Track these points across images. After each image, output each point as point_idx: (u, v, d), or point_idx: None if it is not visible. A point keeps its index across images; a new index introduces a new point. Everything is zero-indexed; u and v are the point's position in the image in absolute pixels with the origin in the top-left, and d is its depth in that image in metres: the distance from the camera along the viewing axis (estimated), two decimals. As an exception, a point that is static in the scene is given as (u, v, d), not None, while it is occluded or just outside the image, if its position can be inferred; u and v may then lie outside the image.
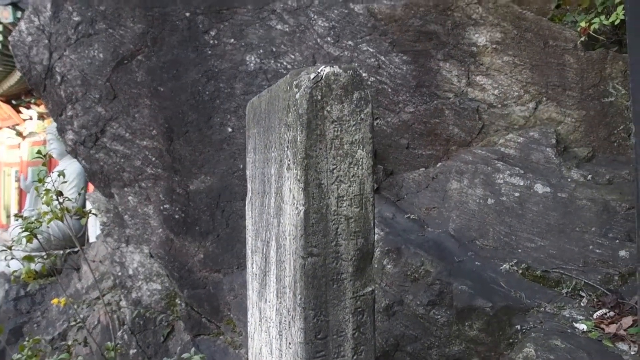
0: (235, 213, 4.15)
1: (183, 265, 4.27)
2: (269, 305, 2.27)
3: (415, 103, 3.97)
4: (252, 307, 2.63)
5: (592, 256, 3.25)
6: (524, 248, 3.41)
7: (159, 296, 4.50)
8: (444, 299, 2.96)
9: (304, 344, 1.89)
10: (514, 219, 3.51)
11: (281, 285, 2.08)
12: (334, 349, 1.93)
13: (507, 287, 3.09)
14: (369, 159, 1.96)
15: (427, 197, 3.91)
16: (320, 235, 1.89)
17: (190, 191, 4.30)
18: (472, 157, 3.85)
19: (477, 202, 3.64)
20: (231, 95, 4.28)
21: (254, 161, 2.53)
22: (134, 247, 4.71)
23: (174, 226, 4.30)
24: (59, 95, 4.69)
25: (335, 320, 1.93)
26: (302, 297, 1.88)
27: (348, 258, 1.93)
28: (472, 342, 2.88)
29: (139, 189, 4.54)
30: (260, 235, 2.41)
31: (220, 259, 4.13)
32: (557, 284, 3.19)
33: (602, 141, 3.74)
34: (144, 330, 4.38)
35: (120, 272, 4.68)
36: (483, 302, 2.87)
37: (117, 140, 4.54)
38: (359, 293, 1.95)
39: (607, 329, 2.80)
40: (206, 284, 4.16)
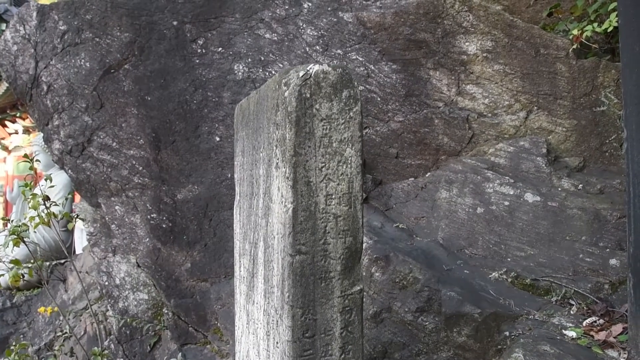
0: (222, 222, 4.13)
1: (170, 274, 4.22)
2: (257, 307, 2.24)
3: (405, 112, 3.98)
4: (239, 311, 2.60)
5: (582, 265, 3.24)
6: (513, 257, 3.41)
7: (145, 306, 4.44)
8: (432, 306, 2.93)
9: (292, 342, 1.86)
10: (504, 227, 3.51)
11: (269, 285, 2.05)
12: (322, 347, 1.90)
13: (496, 294, 3.07)
14: (358, 157, 1.95)
15: (416, 206, 3.90)
16: (308, 233, 1.88)
17: (178, 200, 4.26)
18: (461, 167, 3.86)
19: (467, 211, 3.64)
20: (219, 104, 4.27)
21: (242, 164, 2.52)
22: (120, 257, 4.66)
23: (161, 235, 4.26)
24: (45, 104, 4.66)
25: (323, 318, 1.90)
26: (290, 295, 1.86)
27: (336, 256, 1.91)
28: (460, 349, 2.85)
29: (126, 198, 4.50)
30: (248, 238, 2.38)
31: (208, 268, 4.09)
32: (546, 292, 3.18)
33: (593, 151, 3.76)
34: (131, 340, 4.31)
35: (107, 281, 4.62)
36: (471, 309, 2.85)
37: (104, 149, 4.51)
38: (347, 292, 1.93)
39: (596, 336, 2.78)
40: (193, 293, 4.11)
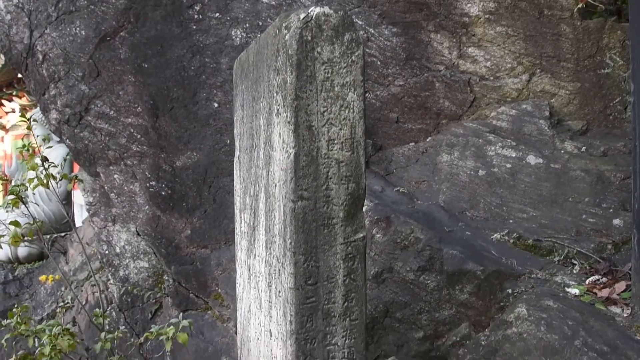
0: (222, 189, 4.09)
1: (170, 241, 4.20)
2: (258, 260, 2.22)
3: (405, 76, 3.94)
4: (240, 267, 2.58)
5: (585, 225, 3.22)
6: (515, 218, 3.39)
7: (146, 274, 4.43)
8: (434, 265, 2.92)
9: (294, 290, 1.84)
10: (506, 189, 3.48)
11: (270, 235, 2.03)
12: (325, 295, 1.89)
13: (498, 254, 3.06)
14: (361, 102, 1.91)
15: (417, 171, 3.87)
16: (310, 178, 1.85)
17: (177, 167, 4.23)
18: (463, 130, 3.82)
19: (468, 174, 3.61)
20: (217, 70, 4.22)
21: (242, 118, 2.48)
22: (120, 226, 4.64)
23: (161, 203, 4.23)
24: (41, 74, 4.60)
25: (326, 266, 1.88)
26: (292, 241, 1.84)
27: (339, 203, 1.89)
28: (463, 306, 2.84)
29: (124, 166, 4.46)
30: (248, 191, 2.35)
31: (208, 234, 4.07)
32: (549, 253, 3.16)
33: (597, 114, 3.72)
34: (132, 308, 4.30)
35: (107, 250, 4.60)
36: (474, 266, 2.83)
37: (101, 118, 4.46)
38: (350, 239, 1.91)
39: (599, 293, 2.77)
40: (193, 260, 4.09)
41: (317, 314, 1.88)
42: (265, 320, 2.14)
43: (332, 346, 1.91)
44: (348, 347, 1.93)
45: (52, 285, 5.61)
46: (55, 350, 2.73)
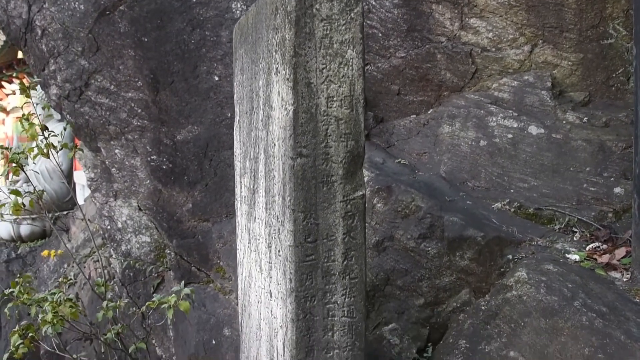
0: (223, 162, 4.09)
1: (171, 215, 4.20)
2: (258, 223, 2.22)
3: (407, 48, 3.91)
4: (241, 232, 2.58)
5: (586, 194, 3.22)
6: (516, 188, 3.38)
7: (148, 248, 4.44)
8: (435, 232, 2.92)
9: (294, 247, 1.84)
10: (507, 160, 3.47)
11: (270, 195, 2.03)
12: (324, 253, 1.89)
13: (498, 222, 3.05)
14: (360, 59, 1.90)
15: (418, 142, 3.86)
16: (309, 135, 1.84)
17: (178, 141, 4.22)
18: (464, 102, 3.81)
19: (469, 145, 3.60)
20: (217, 43, 4.20)
21: (241, 82, 2.47)
22: (122, 201, 4.64)
23: (162, 177, 4.23)
24: (41, 49, 4.58)
25: (325, 223, 1.88)
26: (291, 199, 1.83)
27: (338, 160, 1.88)
28: (463, 273, 2.84)
29: (125, 141, 4.46)
30: (248, 155, 2.35)
31: (209, 208, 4.08)
32: (549, 221, 3.16)
33: (599, 85, 3.69)
34: (134, 282, 4.32)
35: (109, 225, 4.61)
36: (474, 232, 2.83)
37: (102, 93, 4.45)
38: (350, 197, 1.90)
39: (600, 259, 2.78)
40: (195, 233, 4.10)
41: (317, 272, 1.88)
42: (265, 282, 2.15)
43: (331, 304, 1.92)
44: (348, 306, 1.94)
45: (55, 262, 5.63)
46: (57, 317, 2.74)
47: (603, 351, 2.05)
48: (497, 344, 2.36)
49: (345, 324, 1.94)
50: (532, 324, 2.30)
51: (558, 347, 2.16)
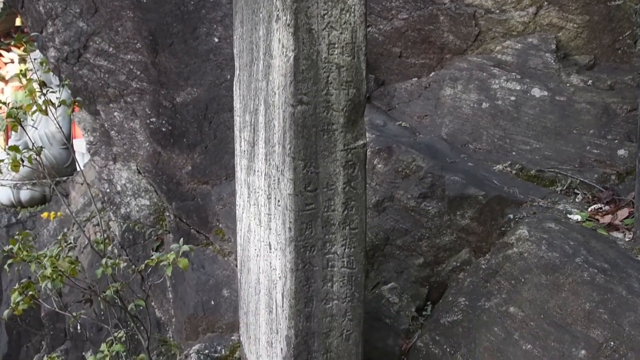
0: (223, 124, 4.05)
1: (171, 178, 4.18)
2: (258, 175, 2.19)
3: (409, 9, 3.85)
4: (240, 188, 2.56)
5: (589, 156, 3.19)
6: (518, 150, 3.35)
7: (147, 211, 4.43)
8: (436, 192, 2.89)
9: (293, 196, 1.82)
10: (509, 122, 3.44)
11: (270, 146, 2.00)
12: (324, 202, 1.86)
13: (500, 184, 3.03)
14: (362, 6, 1.85)
15: (419, 105, 3.82)
16: (310, 82, 1.81)
17: (177, 103, 4.18)
18: (467, 65, 3.76)
19: (471, 107, 3.56)
20: (217, 4, 4.13)
21: (241, 35, 2.43)
22: (121, 164, 4.61)
23: (161, 139, 4.20)
24: (38, 11, 4.52)
25: (326, 172, 1.85)
26: (291, 147, 1.81)
27: (339, 108, 1.85)
28: (464, 232, 2.83)
29: (124, 104, 4.42)
30: (248, 108, 2.32)
31: (209, 170, 4.05)
32: (551, 183, 3.13)
33: (605, 48, 3.63)
34: (134, 245, 4.32)
35: (109, 188, 4.59)
36: (476, 191, 2.81)
37: (100, 55, 4.39)
38: (350, 146, 1.87)
39: (602, 219, 2.75)
40: (194, 196, 4.08)
41: (317, 222, 1.86)
42: (264, 234, 2.13)
43: (331, 255, 1.90)
44: (347, 256, 1.92)
45: (55, 227, 5.63)
46: (56, 272, 2.73)
47: (604, 306, 2.04)
48: (497, 300, 2.35)
49: (344, 274, 1.93)
50: (532, 280, 2.29)
51: (558, 303, 2.15)
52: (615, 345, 1.94)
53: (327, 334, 1.95)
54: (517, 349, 2.13)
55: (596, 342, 1.98)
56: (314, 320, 1.92)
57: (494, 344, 2.21)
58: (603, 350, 1.95)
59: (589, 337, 2.00)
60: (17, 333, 5.45)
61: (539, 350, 2.07)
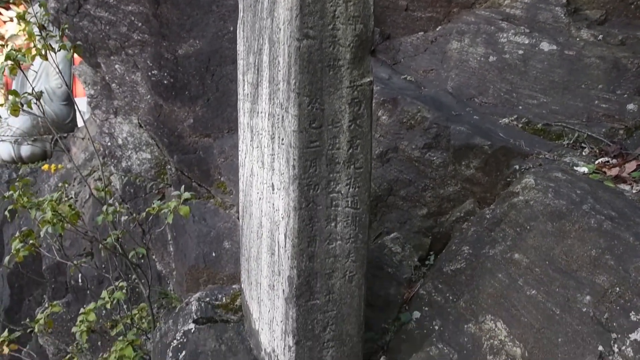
0: (225, 77, 3.99)
1: (172, 131, 4.14)
2: (261, 117, 2.15)
3: (417, -40, 3.76)
4: (243, 132, 2.52)
5: (597, 111, 3.14)
6: (525, 104, 3.30)
7: (148, 165, 4.40)
8: (440, 142, 2.85)
9: (298, 133, 1.78)
10: (516, 76, 3.38)
11: (274, 84, 1.95)
12: (329, 140, 1.83)
13: (506, 136, 2.99)
14: (371, -63, 1.79)
15: (425, 59, 3.76)
16: (316, 16, 1.75)
17: (179, 56, 4.11)
18: (474, 18, 3.68)
19: (478, 60, 3.50)
20: (220, -48, 4.04)
21: (246, -26, 2.36)
22: (122, 118, 4.57)
23: (163, 92, 4.14)
24: (38, -41, 4.41)
25: (331, 109, 1.81)
26: (296, 82, 1.76)
27: (346, 44, 1.80)
28: (468, 182, 2.79)
29: (125, 56, 4.35)
30: (252, 49, 2.26)
31: (211, 123, 4.01)
32: (558, 137, 3.09)
33: (617, 3, 3.54)
34: (135, 198, 4.30)
35: (110, 142, 4.56)
36: (481, 141, 2.77)
37: (101, 6, 4.31)
38: (357, 83, 1.83)
39: (609, 172, 2.71)
40: (196, 149, 4.05)
41: (321, 160, 1.83)
42: (267, 176, 2.10)
43: (335, 194, 1.87)
44: (352, 196, 1.89)
45: (56, 182, 5.60)
46: (57, 217, 2.71)
47: (610, 252, 2.02)
48: (502, 247, 2.33)
49: (348, 214, 1.90)
50: (538, 227, 2.26)
51: (564, 249, 2.13)
52: (621, 291, 1.92)
53: (329, 275, 1.93)
54: (521, 294, 2.11)
55: (601, 288, 1.96)
56: (316, 260, 1.90)
57: (497, 290, 2.20)
58: (608, 296, 1.93)
59: (595, 283, 1.98)
60: (19, 286, 5.47)
61: (544, 296, 2.06)
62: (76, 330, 2.96)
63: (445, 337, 2.24)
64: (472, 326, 2.19)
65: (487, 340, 2.12)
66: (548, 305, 2.02)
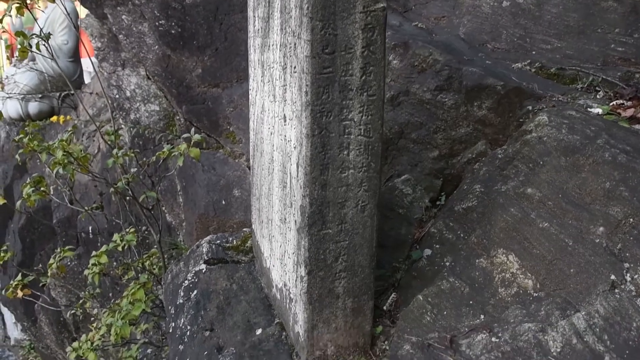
0: (234, 26, 3.94)
1: (181, 81, 4.11)
2: (272, 49, 2.12)
3: None
4: (253, 70, 2.49)
5: (613, 54, 3.09)
6: (538, 49, 3.25)
7: (157, 117, 4.38)
8: (453, 84, 2.82)
9: (311, 58, 1.75)
10: (530, 20, 3.32)
11: (286, 12, 1.91)
12: (342, 66, 1.80)
13: (519, 80, 2.94)
14: None
15: (437, 6, 3.70)
16: (329, -62, 1.71)
17: (187, 5, 4.06)
18: (487, -37, 3.60)
19: (491, 6, 3.44)
20: None
21: None
22: (130, 70, 4.54)
23: (171, 42, 4.10)
24: None
25: (344, 35, 1.78)
26: (309, 6, 1.72)
27: (359, -34, 1.76)
28: (480, 123, 2.76)
29: (132, 6, 4.30)
30: (262, -18, 2.22)
31: (219, 73, 3.97)
32: (572, 81, 3.04)
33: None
34: (144, 150, 4.29)
35: (118, 94, 4.54)
36: (494, 81, 2.73)
37: (107, -45, 4.25)
38: (370, 8, 1.79)
39: (623, 113, 2.68)
40: (205, 99, 4.02)
41: (334, 86, 1.80)
42: (279, 109, 2.08)
43: (348, 121, 1.85)
44: (364, 124, 1.87)
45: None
46: (67, 157, 2.71)
47: (625, 184, 2.00)
48: (514, 183, 2.31)
49: (361, 143, 1.88)
50: (551, 162, 2.24)
51: (578, 183, 2.11)
52: (635, 222, 1.90)
53: (342, 204, 1.93)
54: (534, 227, 2.10)
55: (615, 219, 1.94)
56: (329, 189, 1.89)
57: (509, 224, 2.19)
58: (622, 227, 1.92)
59: (608, 215, 1.97)
60: (31, 241, 5.52)
61: (556, 228, 2.05)
62: (88, 273, 2.98)
63: (456, 271, 2.24)
64: (484, 260, 2.19)
65: (498, 273, 2.12)
66: (561, 237, 2.02)
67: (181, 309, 2.63)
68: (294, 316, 2.13)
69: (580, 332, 1.73)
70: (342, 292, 2.05)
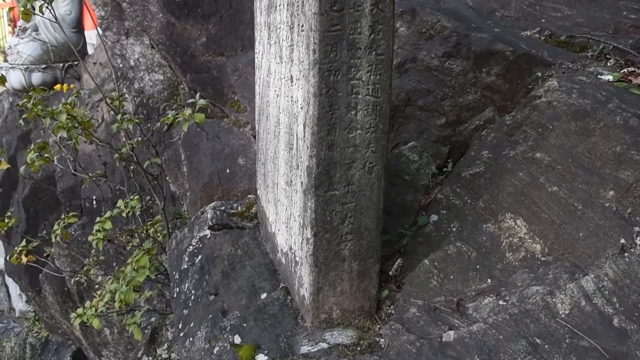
0: (239, -7, 3.89)
1: (185, 49, 4.07)
2: (279, 10, 2.09)
3: None
4: (260, 33, 2.46)
5: (624, 22, 3.04)
6: (548, 17, 3.20)
7: (161, 86, 4.35)
8: (461, 50, 2.77)
9: (319, 15, 1.72)
10: (540, -12, 3.26)
11: (293, -31, 1.88)
12: (350, 24, 1.76)
13: (528, 47, 2.90)
14: None
15: (446, -26, 3.63)
16: None
17: (192, -28, 4.01)
18: None
19: (501, -27, 3.38)
20: None
21: None
22: (134, 39, 4.50)
23: (175, 9, 4.05)
24: None
25: (353, -8, 1.74)
26: (317, -39, 1.69)
27: None
28: (489, 90, 2.73)
29: (137, -27, 4.24)
30: (269, -60, 2.18)
31: (224, 41, 3.93)
32: (582, 49, 3.00)
33: None
34: (148, 120, 4.26)
35: (122, 63, 4.50)
36: (503, 47, 2.69)
37: None
38: (380, -37, 1.75)
39: (635, 80, 2.64)
40: (209, 68, 3.98)
41: (342, 44, 1.77)
42: (285, 70, 2.05)
43: (356, 80, 1.82)
44: (373, 84, 1.84)
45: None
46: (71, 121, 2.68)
47: (636, 148, 1.97)
48: (523, 148, 2.28)
49: (369, 103, 1.86)
50: (561, 127, 2.21)
51: (588, 147, 2.09)
52: (646, 186, 1.88)
53: (349, 165, 1.91)
54: (543, 191, 2.08)
55: (625, 183, 1.92)
56: (336, 149, 1.87)
57: (518, 188, 2.17)
58: (632, 191, 1.90)
59: (619, 179, 1.94)
60: (35, 211, 5.53)
61: (565, 192, 2.02)
62: (93, 239, 2.98)
63: (463, 236, 2.22)
64: (491, 225, 2.17)
65: (506, 238, 2.10)
66: (570, 201, 2.00)
67: (185, 274, 2.62)
68: (300, 279, 2.13)
69: (589, 295, 1.72)
70: (348, 255, 2.03)
